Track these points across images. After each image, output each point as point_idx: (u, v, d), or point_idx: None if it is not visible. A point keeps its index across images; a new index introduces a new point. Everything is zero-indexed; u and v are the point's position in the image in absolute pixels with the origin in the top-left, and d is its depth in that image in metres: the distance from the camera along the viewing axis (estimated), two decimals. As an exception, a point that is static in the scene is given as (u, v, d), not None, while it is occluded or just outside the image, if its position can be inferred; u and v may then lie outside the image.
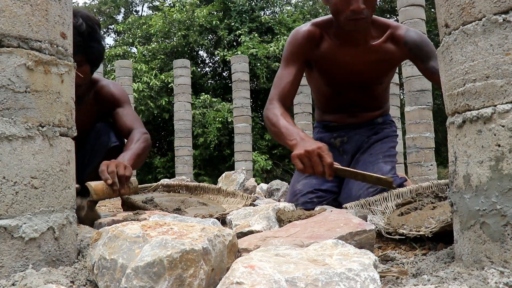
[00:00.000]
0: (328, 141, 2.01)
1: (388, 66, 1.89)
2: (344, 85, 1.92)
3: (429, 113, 5.74)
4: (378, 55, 1.81)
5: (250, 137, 8.25)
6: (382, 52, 1.80)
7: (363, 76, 1.88)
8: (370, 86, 1.95)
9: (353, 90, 1.93)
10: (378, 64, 1.84)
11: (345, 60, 1.82)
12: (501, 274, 0.69)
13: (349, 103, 2.00)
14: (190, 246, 0.67)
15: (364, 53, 1.80)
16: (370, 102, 2.01)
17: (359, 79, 1.88)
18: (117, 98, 1.95)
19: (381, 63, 1.85)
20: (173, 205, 1.84)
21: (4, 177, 0.79)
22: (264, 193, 3.12)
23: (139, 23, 13.34)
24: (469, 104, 0.77)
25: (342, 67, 1.85)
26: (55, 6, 0.89)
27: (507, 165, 0.70)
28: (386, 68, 1.91)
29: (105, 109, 1.96)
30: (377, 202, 1.52)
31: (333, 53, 1.82)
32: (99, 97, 1.94)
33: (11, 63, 0.81)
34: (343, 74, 1.87)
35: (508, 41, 0.71)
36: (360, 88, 1.92)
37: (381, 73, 1.92)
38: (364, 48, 1.79)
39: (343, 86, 1.92)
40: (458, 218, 0.81)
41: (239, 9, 12.56)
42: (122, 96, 1.98)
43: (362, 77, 1.88)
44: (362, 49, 1.80)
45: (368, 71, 1.86)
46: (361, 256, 0.71)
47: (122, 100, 1.96)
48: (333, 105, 2.06)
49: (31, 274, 0.76)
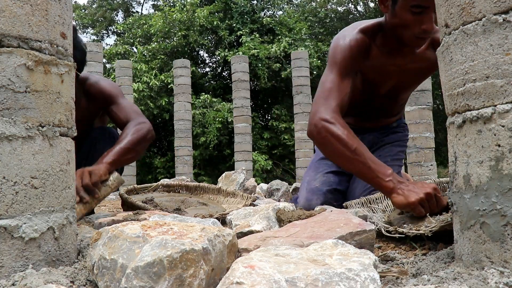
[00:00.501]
0: None
1: (428, 73, 1.83)
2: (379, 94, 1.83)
3: (429, 113, 5.74)
4: (422, 64, 1.74)
5: (250, 137, 8.25)
6: (426, 59, 1.72)
7: (403, 85, 1.82)
8: (402, 94, 1.90)
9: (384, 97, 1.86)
10: (421, 72, 1.78)
11: (390, 70, 1.74)
12: (501, 274, 0.69)
13: (372, 109, 1.93)
14: (190, 246, 0.67)
15: (411, 62, 1.73)
16: (393, 109, 1.98)
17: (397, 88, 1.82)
18: (108, 94, 1.88)
19: (423, 71, 1.79)
20: (173, 205, 1.84)
21: (4, 177, 0.79)
22: (264, 193, 3.12)
23: (139, 23, 13.34)
24: (469, 104, 0.77)
25: (386, 77, 1.77)
26: (55, 6, 0.89)
27: (507, 165, 0.70)
28: (425, 76, 1.85)
29: (97, 107, 1.91)
30: (377, 201, 1.52)
31: (380, 63, 1.72)
32: (90, 96, 1.89)
33: (11, 63, 0.81)
34: (384, 84, 1.79)
35: (508, 41, 0.71)
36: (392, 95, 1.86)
37: (418, 80, 1.87)
38: (410, 57, 1.71)
39: (377, 95, 1.84)
40: (458, 218, 0.81)
41: (241, 10, 12.57)
42: (113, 90, 1.91)
43: (402, 86, 1.82)
44: (409, 58, 1.72)
45: (409, 80, 1.81)
46: (361, 256, 0.71)
47: (114, 95, 1.89)
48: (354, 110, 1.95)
49: (31, 274, 0.76)
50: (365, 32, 1.67)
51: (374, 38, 1.69)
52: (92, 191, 1.51)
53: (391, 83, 1.78)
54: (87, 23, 15.81)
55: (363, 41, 1.66)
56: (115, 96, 1.89)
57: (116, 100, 1.88)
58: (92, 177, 1.52)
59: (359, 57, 1.66)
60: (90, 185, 1.50)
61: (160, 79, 11.26)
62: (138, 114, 1.86)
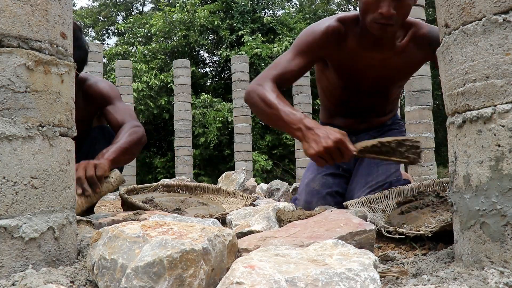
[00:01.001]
0: None
1: (411, 69, 1.81)
2: (362, 90, 1.81)
3: (429, 113, 5.75)
4: (403, 59, 1.70)
5: (250, 137, 8.25)
6: (407, 55, 1.69)
7: (385, 81, 1.80)
8: (389, 91, 1.88)
9: (370, 94, 1.83)
10: (402, 68, 1.75)
11: (368, 64, 1.71)
12: (501, 274, 0.69)
13: (363, 108, 1.91)
14: (190, 246, 0.67)
15: (389, 58, 1.69)
16: (384, 107, 1.96)
17: (380, 84, 1.80)
18: (106, 95, 1.89)
19: (405, 67, 1.75)
20: (173, 205, 1.84)
21: (4, 177, 0.79)
22: (264, 193, 3.12)
23: (140, 23, 13.35)
24: (469, 104, 0.77)
25: (364, 71, 1.73)
26: (55, 6, 0.89)
27: (507, 165, 0.70)
28: (409, 72, 1.83)
29: (95, 107, 1.92)
30: (377, 200, 1.52)
31: (356, 55, 1.69)
32: (88, 96, 1.89)
33: (11, 63, 0.81)
34: (364, 79, 1.76)
35: (508, 41, 0.71)
36: (378, 93, 1.84)
37: (403, 76, 1.85)
38: (389, 52, 1.68)
39: (360, 90, 1.82)
40: (458, 218, 0.81)
41: (241, 9, 12.57)
42: (111, 92, 1.92)
43: (384, 82, 1.80)
44: (388, 53, 1.68)
45: (391, 76, 1.78)
46: (361, 256, 0.71)
47: (112, 97, 1.91)
48: (345, 109, 1.95)
49: (31, 274, 0.76)
50: (342, 21, 1.66)
51: (352, 28, 1.66)
52: (95, 184, 1.51)
53: (372, 77, 1.75)
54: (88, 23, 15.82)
55: (336, 29, 1.64)
56: (113, 97, 1.90)
57: (113, 101, 1.89)
58: (97, 170, 1.52)
59: (326, 43, 1.64)
60: (94, 177, 1.50)
61: (160, 79, 11.26)
62: (133, 118, 1.87)
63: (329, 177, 1.86)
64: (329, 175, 1.88)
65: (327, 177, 1.87)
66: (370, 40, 1.65)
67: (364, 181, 1.80)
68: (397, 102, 2.05)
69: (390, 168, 1.84)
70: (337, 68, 1.75)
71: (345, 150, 1.34)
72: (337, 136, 1.35)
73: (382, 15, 1.48)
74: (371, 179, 1.79)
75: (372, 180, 1.78)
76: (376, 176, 1.79)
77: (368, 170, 1.83)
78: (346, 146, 1.36)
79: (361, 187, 1.76)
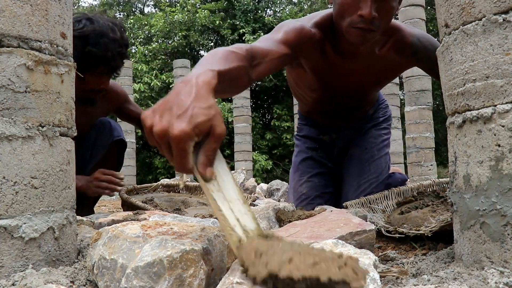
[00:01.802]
0: (317, 137, 1.95)
1: (392, 74, 1.69)
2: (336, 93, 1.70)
3: (429, 113, 5.75)
4: (380, 67, 1.57)
5: (250, 137, 8.25)
6: (386, 63, 1.56)
7: (364, 86, 1.71)
8: (367, 94, 1.81)
9: (349, 97, 1.74)
10: (382, 73, 1.63)
11: (342, 73, 1.57)
12: (501, 274, 0.69)
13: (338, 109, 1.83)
14: (190, 246, 0.67)
15: (366, 66, 1.55)
16: (363, 105, 1.89)
17: (359, 89, 1.70)
18: (123, 96, 2.14)
19: (385, 72, 1.64)
20: (173, 205, 1.84)
21: (4, 177, 0.79)
22: (264, 193, 3.12)
23: (140, 23, 13.36)
24: (469, 104, 0.77)
25: (338, 79, 1.60)
26: (55, 6, 0.89)
27: (507, 165, 0.70)
28: (389, 76, 1.71)
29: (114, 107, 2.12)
30: (377, 201, 1.52)
31: (331, 63, 1.54)
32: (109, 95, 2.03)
33: (11, 63, 0.81)
34: (342, 85, 1.64)
35: (508, 41, 0.71)
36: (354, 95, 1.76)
37: (383, 81, 1.74)
38: (366, 61, 1.53)
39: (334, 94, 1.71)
40: (458, 218, 0.81)
41: (244, 8, 12.58)
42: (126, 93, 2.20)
43: (363, 87, 1.71)
44: (367, 61, 1.53)
45: (367, 82, 1.67)
46: (361, 256, 0.71)
47: (127, 96, 2.18)
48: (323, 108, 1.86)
49: (31, 274, 0.76)
50: (319, 26, 1.46)
51: (328, 34, 1.48)
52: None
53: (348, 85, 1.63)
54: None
55: (316, 35, 1.45)
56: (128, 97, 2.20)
57: (129, 100, 2.21)
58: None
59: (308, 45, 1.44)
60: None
61: (161, 79, 11.27)
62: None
63: (315, 178, 1.84)
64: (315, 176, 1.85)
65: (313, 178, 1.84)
66: (346, 47, 1.48)
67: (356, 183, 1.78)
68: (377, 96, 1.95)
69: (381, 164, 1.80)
70: (315, 73, 1.60)
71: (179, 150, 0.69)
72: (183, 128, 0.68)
73: (362, 17, 1.29)
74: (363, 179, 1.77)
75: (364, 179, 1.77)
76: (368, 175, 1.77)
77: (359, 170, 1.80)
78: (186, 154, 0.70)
79: (354, 189, 1.75)
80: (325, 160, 1.92)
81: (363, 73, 1.58)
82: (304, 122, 2.02)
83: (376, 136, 1.87)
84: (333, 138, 1.94)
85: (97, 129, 2.01)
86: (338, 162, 1.92)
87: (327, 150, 1.95)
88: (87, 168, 1.96)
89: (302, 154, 1.96)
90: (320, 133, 1.96)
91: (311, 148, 1.95)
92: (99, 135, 1.99)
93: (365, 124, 1.92)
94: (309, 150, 1.95)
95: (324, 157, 1.93)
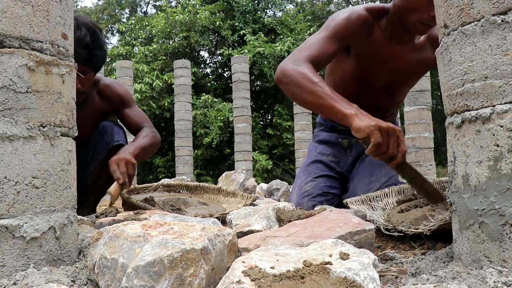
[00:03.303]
0: (335, 141, 2.00)
1: (424, 68, 1.82)
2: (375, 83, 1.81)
3: (428, 113, 5.75)
4: (419, 56, 1.73)
5: (250, 137, 8.26)
6: (423, 52, 1.72)
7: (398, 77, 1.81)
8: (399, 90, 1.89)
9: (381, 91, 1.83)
10: (417, 65, 1.76)
11: (389, 55, 1.71)
12: (499, 273, 0.69)
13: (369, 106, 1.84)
14: (190, 246, 0.68)
15: (408, 52, 1.71)
16: (389, 109, 1.96)
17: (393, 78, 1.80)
18: (125, 99, 2.01)
19: (419, 65, 1.77)
20: (174, 205, 1.85)
21: (5, 176, 0.80)
22: (264, 193, 3.12)
23: (141, 24, 13.36)
24: (468, 104, 0.77)
25: (383, 63, 1.74)
26: (56, 7, 0.90)
27: (506, 165, 0.71)
28: (421, 71, 1.83)
29: (110, 108, 2.01)
30: (377, 198, 1.52)
31: (379, 46, 1.69)
32: (104, 97, 1.97)
33: (13, 63, 0.82)
34: (381, 70, 1.77)
35: (507, 41, 0.71)
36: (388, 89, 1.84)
37: (416, 75, 1.86)
38: (409, 47, 1.71)
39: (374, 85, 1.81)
40: (457, 218, 0.82)
41: (243, 9, 12.59)
42: (129, 96, 2.05)
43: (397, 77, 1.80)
44: (408, 48, 1.71)
45: (407, 71, 1.79)
46: (361, 256, 0.72)
47: (130, 100, 2.04)
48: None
49: (32, 273, 0.76)
50: (370, 11, 1.65)
51: (378, 19, 1.67)
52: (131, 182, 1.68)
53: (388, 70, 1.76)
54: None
55: (365, 18, 1.64)
56: (130, 101, 2.05)
57: (130, 105, 2.03)
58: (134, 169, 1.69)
59: (356, 30, 1.63)
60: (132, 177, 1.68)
61: (163, 79, 11.27)
62: (151, 124, 2.02)
63: (321, 179, 1.86)
64: (321, 177, 1.88)
65: (319, 178, 1.86)
66: (394, 33, 1.66)
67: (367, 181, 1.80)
68: (398, 108, 2.07)
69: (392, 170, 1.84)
70: (358, 57, 1.73)
71: (401, 142, 1.24)
72: (396, 126, 1.23)
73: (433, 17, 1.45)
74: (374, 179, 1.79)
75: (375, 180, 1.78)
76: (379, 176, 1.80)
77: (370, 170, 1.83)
78: (402, 137, 1.25)
79: (364, 186, 1.76)
80: (335, 165, 1.96)
81: (403, 59, 1.72)
82: (323, 127, 2.08)
83: None
84: (351, 142, 1.98)
85: (99, 132, 2.00)
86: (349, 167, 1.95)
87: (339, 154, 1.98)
88: (88, 170, 1.96)
89: (311, 158, 2.00)
90: (339, 136, 2.01)
91: (322, 153, 2.01)
92: (101, 138, 1.97)
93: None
94: (320, 154, 2.00)
95: (334, 162, 1.98)
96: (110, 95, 1.97)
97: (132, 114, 2.01)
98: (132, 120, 1.99)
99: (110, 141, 1.95)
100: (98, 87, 1.95)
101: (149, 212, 1.48)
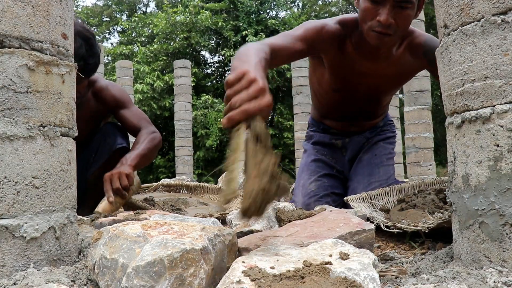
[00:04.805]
0: (329, 142, 2.01)
1: (405, 78, 1.80)
2: (354, 95, 1.79)
3: (428, 113, 5.75)
4: (397, 68, 1.68)
5: (250, 137, 8.24)
6: (402, 64, 1.67)
7: (378, 89, 1.79)
8: (381, 98, 1.88)
9: (362, 100, 1.82)
10: (396, 77, 1.73)
11: (362, 72, 1.68)
12: (499, 273, 0.69)
13: (354, 113, 1.90)
14: (190, 246, 0.68)
15: (384, 67, 1.67)
16: (376, 111, 1.96)
17: (373, 91, 1.78)
18: (120, 101, 1.97)
19: (399, 76, 1.74)
20: (174, 205, 1.85)
21: (5, 176, 0.80)
22: (264, 193, 3.12)
23: (144, 22, 13.36)
24: (468, 104, 0.77)
25: (358, 79, 1.71)
26: (56, 7, 0.90)
27: (506, 165, 0.71)
28: (403, 80, 1.82)
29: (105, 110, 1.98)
30: (378, 197, 1.52)
31: (352, 61, 1.66)
32: (99, 99, 1.95)
33: (13, 63, 0.82)
34: (357, 85, 1.74)
35: (507, 41, 0.71)
36: (370, 99, 1.83)
37: (397, 85, 1.85)
38: (384, 62, 1.66)
39: (352, 96, 1.80)
40: (457, 218, 0.82)
41: (247, 9, 12.59)
42: (125, 97, 2.00)
43: (377, 90, 1.79)
44: (383, 64, 1.66)
45: (384, 84, 1.76)
46: (361, 256, 0.72)
47: (126, 101, 1.99)
48: (337, 112, 1.94)
49: (32, 273, 0.76)
50: (342, 24, 1.62)
51: (350, 33, 1.63)
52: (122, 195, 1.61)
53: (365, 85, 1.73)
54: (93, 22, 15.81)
55: (337, 31, 1.60)
56: (126, 102, 1.99)
57: (127, 105, 1.98)
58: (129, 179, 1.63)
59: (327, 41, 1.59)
60: (121, 190, 1.60)
61: (164, 80, 11.27)
62: (149, 123, 1.99)
63: (324, 179, 1.88)
64: (324, 176, 1.90)
65: (323, 178, 1.88)
66: (367, 48, 1.61)
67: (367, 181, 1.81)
68: (388, 105, 2.07)
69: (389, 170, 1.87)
70: (332, 68, 1.71)
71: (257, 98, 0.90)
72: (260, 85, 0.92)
73: (380, 23, 1.45)
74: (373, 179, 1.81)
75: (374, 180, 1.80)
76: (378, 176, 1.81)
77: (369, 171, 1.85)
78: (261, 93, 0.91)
79: (364, 186, 1.77)
80: (334, 164, 1.98)
81: (380, 74, 1.68)
82: (315, 128, 2.07)
83: (385, 147, 1.97)
84: (345, 142, 2.00)
85: (102, 134, 1.99)
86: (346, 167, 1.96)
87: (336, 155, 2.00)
88: (89, 172, 1.96)
89: (311, 156, 2.01)
90: (332, 138, 2.02)
91: (320, 152, 2.02)
92: (104, 140, 1.96)
93: (375, 136, 2.00)
94: (319, 154, 2.02)
95: (333, 161, 1.99)
96: (104, 97, 1.95)
97: (129, 115, 1.96)
98: (129, 121, 1.96)
99: (112, 144, 1.94)
100: (93, 88, 1.94)
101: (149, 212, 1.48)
